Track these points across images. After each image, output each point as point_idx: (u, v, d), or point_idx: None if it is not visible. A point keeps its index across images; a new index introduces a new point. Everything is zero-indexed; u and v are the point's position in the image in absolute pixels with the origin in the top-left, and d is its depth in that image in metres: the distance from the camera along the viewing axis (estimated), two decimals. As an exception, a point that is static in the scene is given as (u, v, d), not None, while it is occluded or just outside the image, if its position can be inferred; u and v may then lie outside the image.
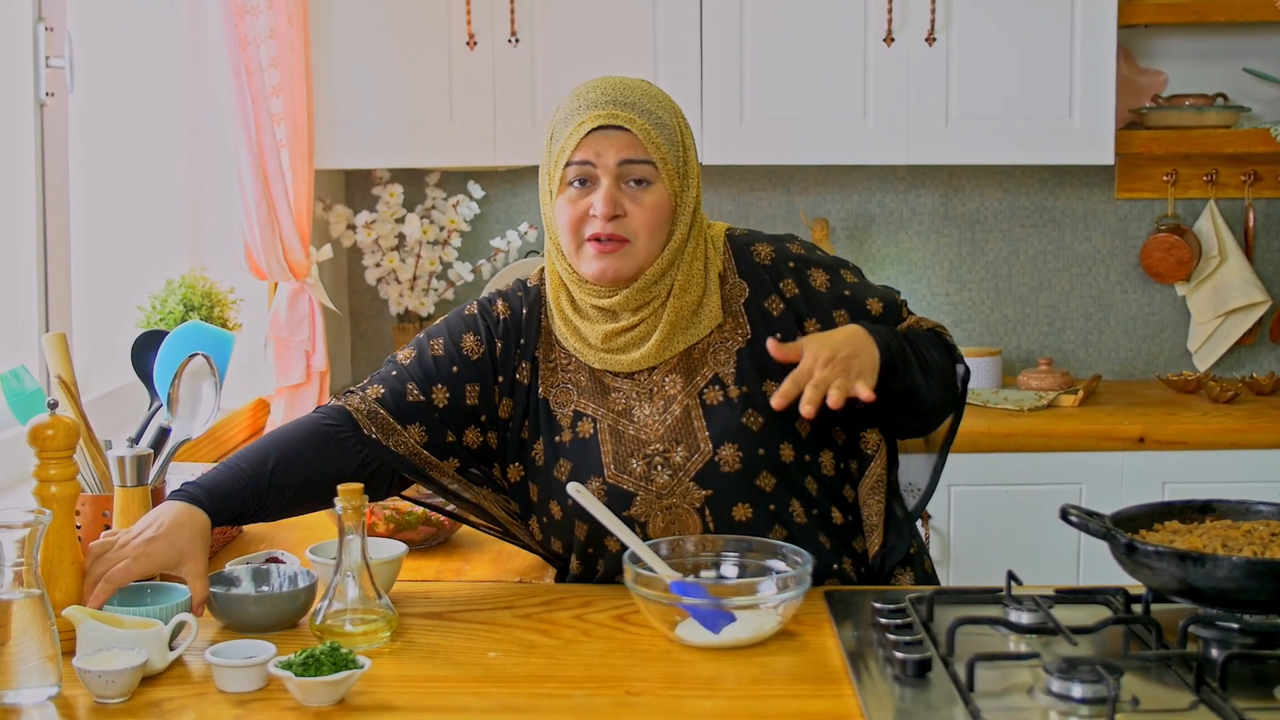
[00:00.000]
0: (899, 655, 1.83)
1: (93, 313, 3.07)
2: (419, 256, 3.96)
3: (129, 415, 2.63)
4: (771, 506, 2.22)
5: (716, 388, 2.21)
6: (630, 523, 2.18)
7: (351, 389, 2.30)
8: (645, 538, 2.18)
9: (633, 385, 2.23)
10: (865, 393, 2.08)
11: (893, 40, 3.71)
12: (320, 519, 2.70)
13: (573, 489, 2.14)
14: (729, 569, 2.11)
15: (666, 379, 2.22)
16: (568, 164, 2.16)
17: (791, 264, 2.27)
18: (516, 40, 3.73)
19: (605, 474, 2.20)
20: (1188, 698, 1.75)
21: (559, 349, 2.26)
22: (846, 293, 2.28)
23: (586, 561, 2.28)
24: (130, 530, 2.01)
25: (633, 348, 2.22)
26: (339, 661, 1.79)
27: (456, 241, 4.02)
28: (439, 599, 2.19)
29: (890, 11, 3.69)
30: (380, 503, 2.51)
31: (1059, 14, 3.71)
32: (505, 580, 2.37)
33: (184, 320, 3.05)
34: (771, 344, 2.11)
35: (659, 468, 2.20)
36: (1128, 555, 1.94)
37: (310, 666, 1.78)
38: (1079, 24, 3.72)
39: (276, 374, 3.48)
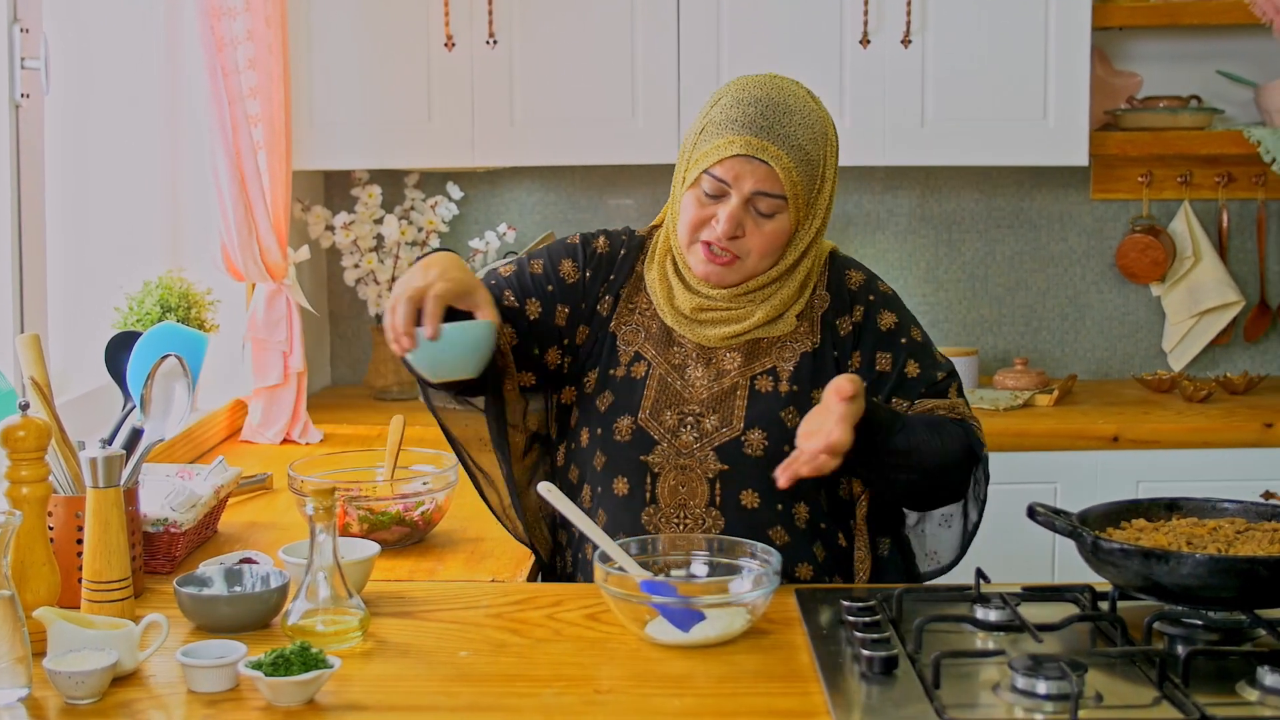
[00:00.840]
0: (866, 653, 1.85)
1: (70, 314, 3.07)
2: (397, 257, 3.96)
3: (104, 416, 2.63)
4: (779, 505, 2.27)
5: (769, 377, 2.30)
6: (645, 469, 2.28)
7: None
8: (654, 488, 2.29)
9: (696, 348, 2.33)
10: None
11: (869, 42, 3.72)
12: (298, 519, 2.72)
13: (543, 488, 2.16)
14: (699, 567, 2.13)
15: (728, 354, 2.32)
16: (704, 171, 2.23)
17: (871, 297, 2.37)
18: (495, 41, 3.73)
19: (639, 415, 2.31)
20: (1151, 693, 1.77)
21: (643, 295, 2.38)
22: (903, 340, 2.34)
23: (595, 500, 2.34)
24: (412, 275, 2.13)
25: (711, 326, 2.32)
26: (309, 661, 1.80)
27: (435, 242, 4.02)
28: (411, 599, 2.20)
29: (866, 13, 3.70)
30: (355, 503, 2.52)
31: (1034, 16, 3.73)
32: (478, 580, 2.38)
33: (161, 321, 3.05)
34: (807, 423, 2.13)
35: (689, 427, 2.29)
36: (1093, 553, 1.96)
37: (280, 666, 1.78)
38: (1053, 26, 3.73)
39: (254, 375, 3.48)
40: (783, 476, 2.09)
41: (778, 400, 2.29)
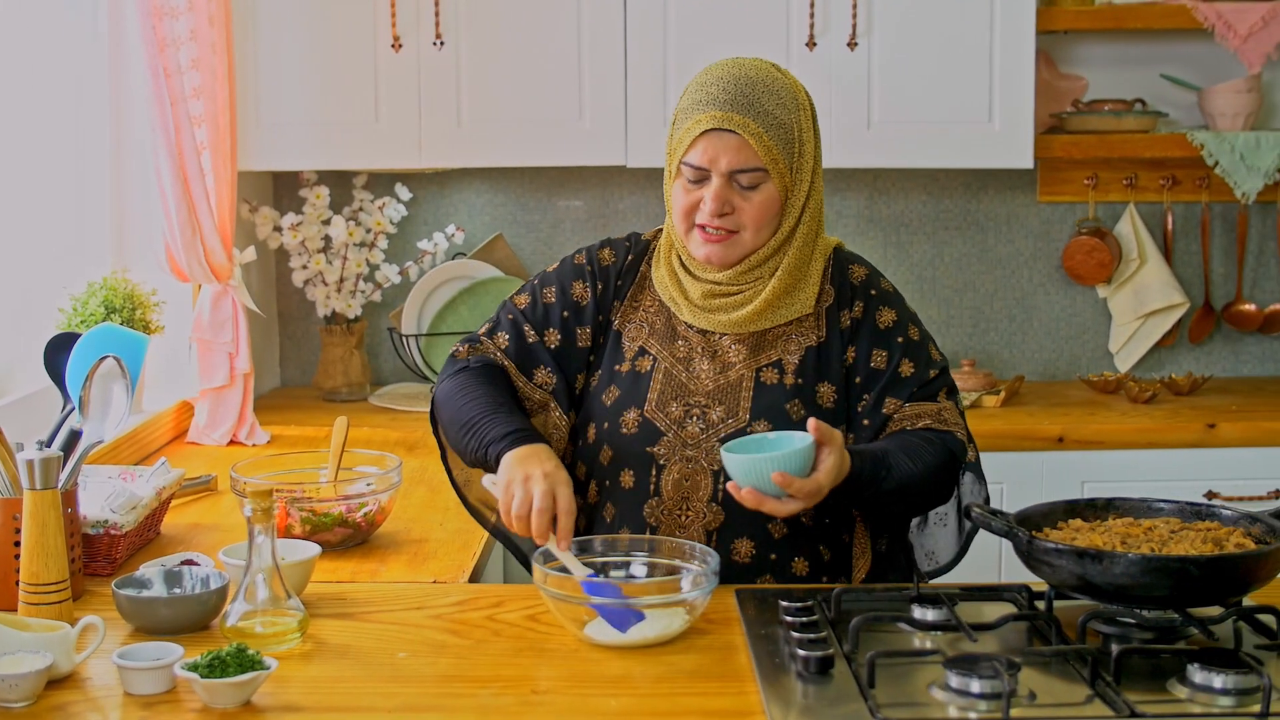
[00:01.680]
0: (802, 653, 1.86)
1: (13, 315, 3.06)
2: (345, 258, 3.95)
3: (44, 418, 2.62)
4: None
5: (774, 370, 2.32)
6: (650, 460, 2.30)
7: (477, 343, 2.41)
8: (658, 480, 2.30)
9: (701, 340, 2.35)
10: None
11: (815, 44, 3.73)
12: (242, 521, 2.71)
13: (486, 480, 2.18)
14: (638, 568, 2.13)
15: (733, 346, 2.34)
16: (683, 162, 2.26)
17: (873, 292, 2.39)
18: (441, 43, 3.73)
19: (645, 407, 2.33)
20: (1083, 691, 1.79)
21: (648, 293, 2.41)
22: (899, 339, 2.36)
23: (602, 493, 2.36)
24: (528, 486, 2.10)
25: (728, 310, 2.33)
26: (245, 663, 1.80)
27: (383, 243, 4.01)
28: (352, 600, 2.20)
29: (812, 16, 3.72)
30: (297, 504, 2.52)
31: (979, 19, 3.75)
32: (420, 581, 2.38)
33: (105, 323, 3.03)
34: (813, 422, 2.13)
35: (695, 418, 2.31)
36: (1029, 553, 1.98)
37: (216, 668, 1.78)
38: (998, 30, 3.75)
39: (200, 376, 3.46)
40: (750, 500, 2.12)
41: (783, 393, 2.30)
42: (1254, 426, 3.67)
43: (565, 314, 2.40)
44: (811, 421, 2.10)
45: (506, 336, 2.41)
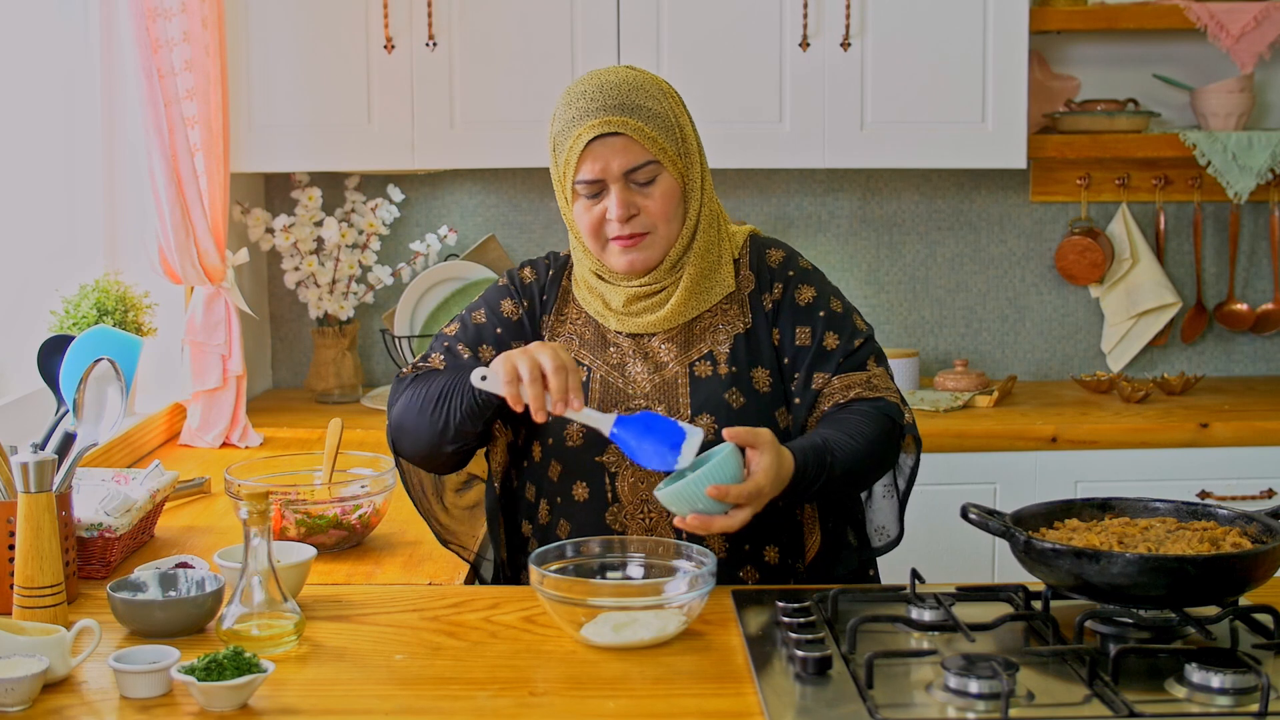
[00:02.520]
0: (800, 654, 1.85)
1: (5, 317, 3.05)
2: (338, 260, 3.95)
3: (38, 421, 2.61)
4: None
5: (708, 363, 2.32)
6: (601, 469, 2.30)
7: (417, 364, 2.39)
8: (613, 487, 2.31)
9: (632, 344, 2.35)
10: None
11: (808, 45, 3.73)
12: (236, 523, 2.70)
13: (476, 375, 2.17)
14: (635, 569, 2.13)
15: (664, 346, 2.34)
16: (576, 181, 2.26)
17: (791, 272, 2.39)
18: (434, 44, 3.73)
19: None
20: (1081, 691, 1.78)
21: (572, 305, 2.41)
22: (821, 314, 2.36)
23: (554, 511, 2.35)
24: (530, 354, 2.11)
25: (653, 310, 2.33)
26: (242, 666, 1.79)
27: (376, 245, 4.01)
28: (348, 602, 2.19)
29: (806, 16, 3.72)
30: (292, 506, 2.51)
31: (972, 20, 3.75)
32: (415, 583, 2.37)
33: (98, 325, 3.03)
34: (728, 430, 2.12)
35: None
36: (1026, 553, 1.98)
37: (213, 671, 1.78)
38: (991, 30, 3.76)
39: (193, 378, 3.46)
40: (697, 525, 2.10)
41: (719, 383, 2.31)
42: (1247, 426, 3.67)
43: (498, 330, 2.39)
44: (726, 430, 2.10)
45: (439, 358, 2.38)
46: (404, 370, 2.40)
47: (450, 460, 2.34)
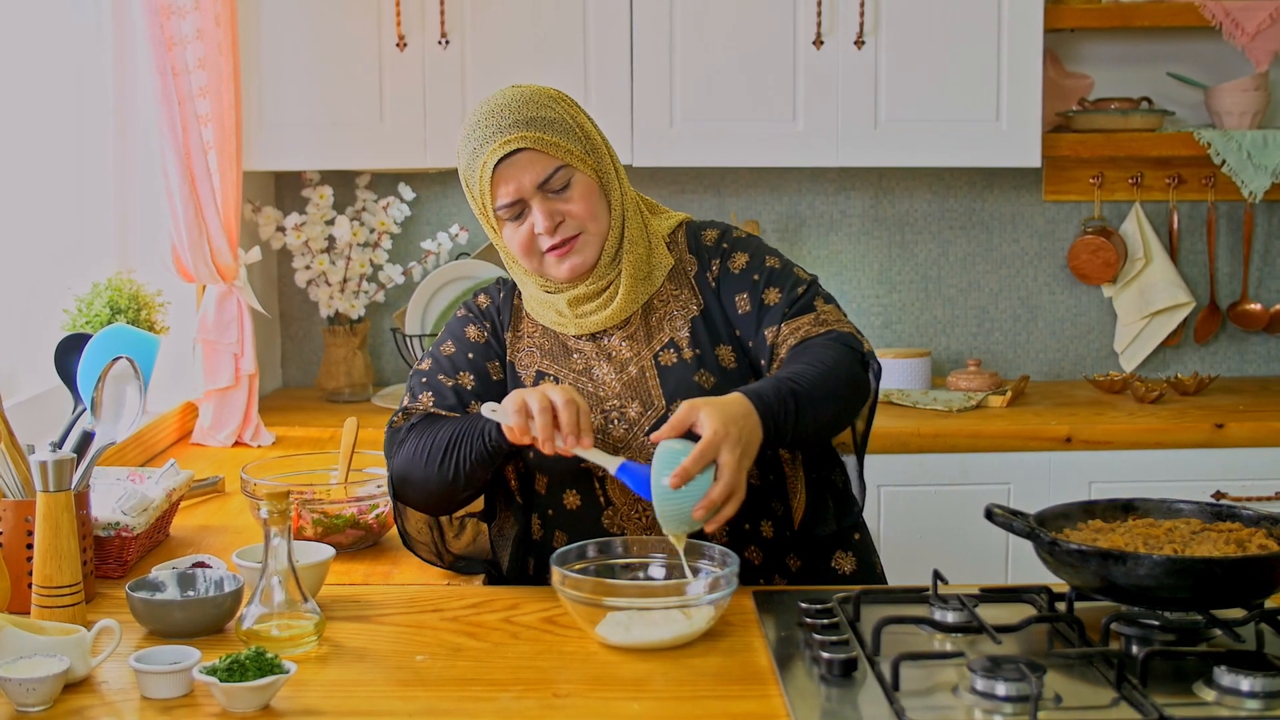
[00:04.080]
0: (825, 655, 1.84)
1: (18, 316, 3.04)
2: (349, 259, 3.94)
3: (55, 419, 2.60)
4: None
5: (671, 350, 2.32)
6: (588, 474, 2.31)
7: (406, 408, 2.35)
8: (604, 489, 2.32)
9: (593, 347, 2.35)
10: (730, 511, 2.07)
11: (822, 43, 3.72)
12: (250, 522, 2.70)
13: (487, 408, 2.16)
14: (656, 570, 2.12)
15: (624, 343, 2.34)
16: (496, 209, 2.26)
17: (725, 245, 2.39)
18: (446, 42, 3.71)
19: None
20: (1109, 694, 1.77)
21: (526, 321, 2.40)
22: (755, 277, 2.34)
23: (546, 525, 2.36)
24: (541, 391, 2.08)
25: (602, 308, 2.33)
26: (264, 666, 1.78)
27: (387, 244, 4.00)
28: (367, 602, 2.18)
29: (819, 15, 3.71)
30: (309, 506, 2.50)
31: (986, 18, 3.74)
32: (434, 583, 2.36)
33: (110, 323, 3.02)
34: (654, 436, 2.08)
35: (615, 421, 2.31)
36: (1051, 554, 1.97)
37: (235, 672, 1.77)
38: (1005, 28, 3.75)
39: (205, 377, 3.45)
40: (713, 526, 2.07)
41: (686, 368, 2.31)
42: (1262, 426, 3.66)
43: (470, 355, 2.38)
44: (653, 437, 2.07)
45: (428, 395, 2.34)
46: (397, 420, 2.34)
47: (462, 504, 2.34)
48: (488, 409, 2.15)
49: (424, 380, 2.37)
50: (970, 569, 3.40)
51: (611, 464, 2.09)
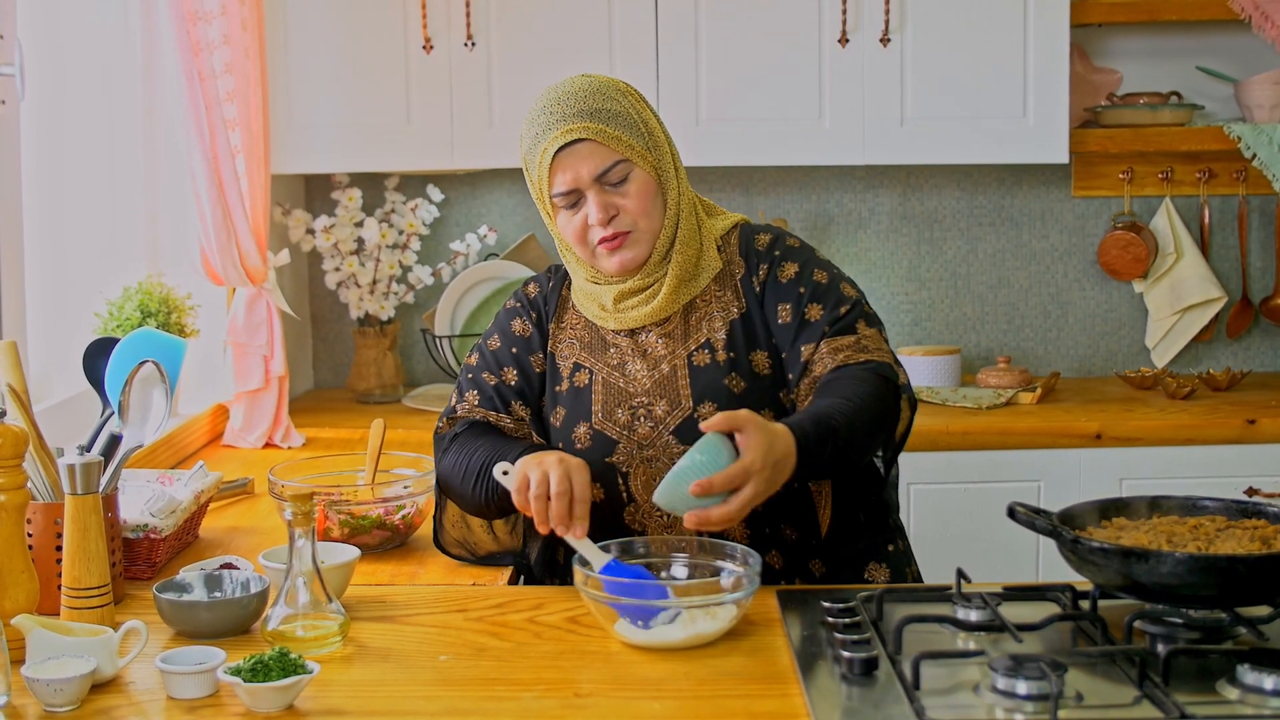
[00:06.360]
0: (846, 654, 1.84)
1: (49, 320, 3.06)
2: (378, 260, 3.95)
3: (84, 423, 2.62)
4: None
5: (706, 351, 2.33)
6: (613, 470, 2.32)
7: (452, 411, 2.45)
8: (627, 487, 2.33)
9: (630, 343, 2.37)
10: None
11: (847, 41, 3.72)
12: (279, 524, 2.71)
13: (498, 470, 2.19)
14: (679, 569, 2.12)
15: (661, 340, 2.35)
16: (552, 195, 2.28)
17: (777, 252, 2.39)
18: (473, 44, 3.73)
19: (593, 420, 2.35)
20: (1131, 693, 1.77)
21: (572, 312, 2.43)
22: (802, 289, 2.34)
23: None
24: (544, 469, 2.10)
25: (643, 304, 2.35)
26: (288, 667, 1.79)
27: (416, 245, 4.01)
28: (392, 603, 2.19)
29: (845, 13, 3.70)
30: (335, 507, 2.51)
31: (1012, 14, 3.73)
32: (459, 584, 2.37)
33: (141, 326, 3.04)
34: (704, 425, 2.08)
35: (642, 419, 2.32)
36: (1073, 552, 1.96)
37: (259, 672, 1.78)
38: (1032, 24, 3.74)
39: (235, 379, 3.47)
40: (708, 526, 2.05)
41: (718, 370, 2.31)
42: (1294, 422, 3.64)
43: (514, 350, 2.42)
44: (703, 424, 2.06)
45: (473, 393, 2.42)
46: (442, 426, 2.44)
47: (498, 516, 2.39)
48: (499, 470, 2.18)
49: (470, 377, 2.45)
50: (1000, 568, 3.39)
51: (598, 561, 2.07)
